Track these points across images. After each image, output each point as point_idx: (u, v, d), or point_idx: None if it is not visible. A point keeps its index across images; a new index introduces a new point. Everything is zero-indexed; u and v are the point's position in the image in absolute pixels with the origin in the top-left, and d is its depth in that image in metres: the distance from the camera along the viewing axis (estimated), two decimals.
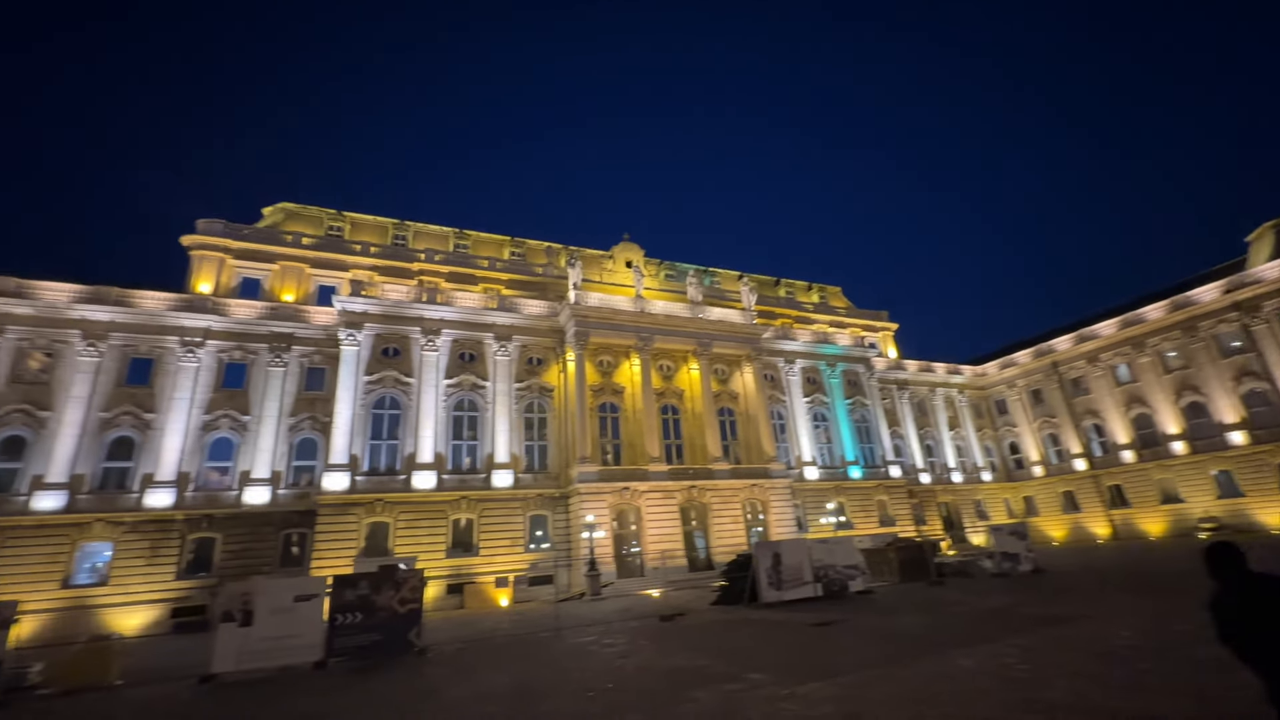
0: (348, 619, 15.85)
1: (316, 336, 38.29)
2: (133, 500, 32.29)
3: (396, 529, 33.65)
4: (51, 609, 28.81)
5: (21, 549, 29.72)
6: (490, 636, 19.33)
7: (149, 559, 31.54)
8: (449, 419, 37.44)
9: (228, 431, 35.32)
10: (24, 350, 32.79)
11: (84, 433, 32.36)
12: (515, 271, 50.15)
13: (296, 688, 13.03)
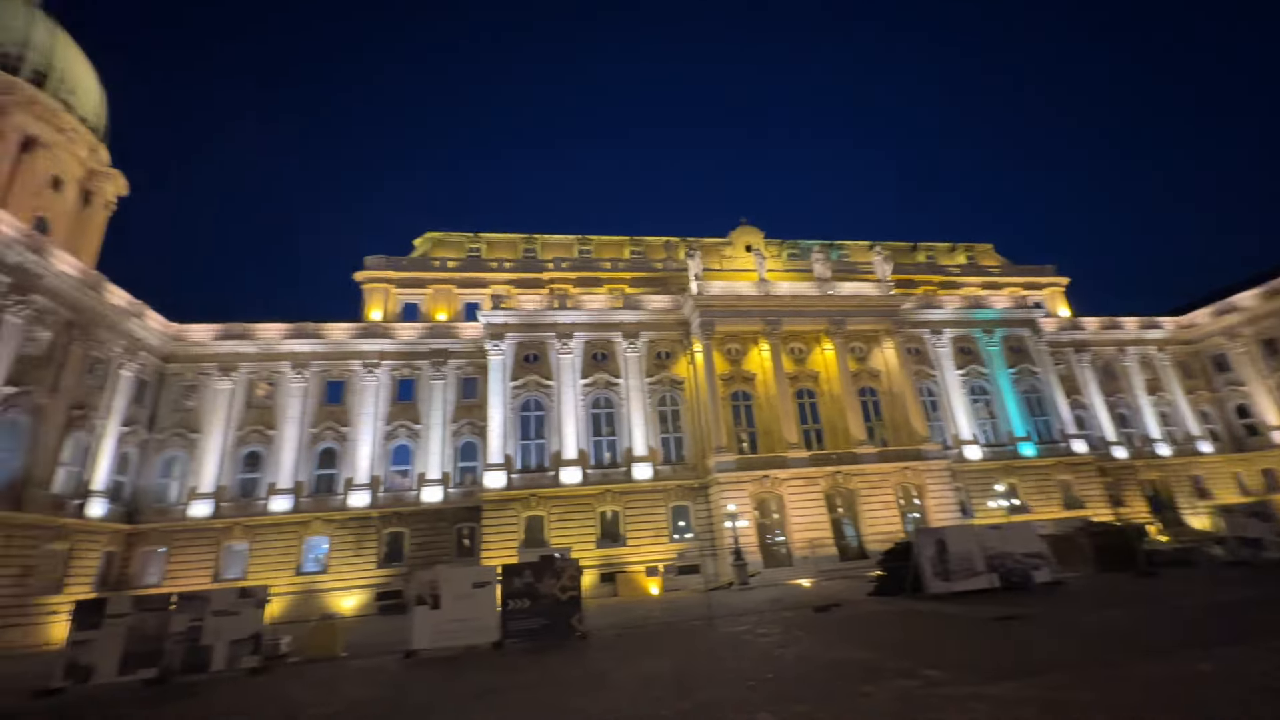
0: (517, 604, 17.27)
1: (467, 349, 42.24)
2: (339, 501, 38.09)
3: (550, 522, 36.07)
4: (289, 592, 34.89)
5: (266, 543, 36.43)
6: (645, 624, 19.98)
7: (356, 551, 37.01)
8: (588, 417, 39.29)
9: (405, 439, 40.28)
10: (253, 381, 40.08)
11: (300, 446, 38.77)
12: (637, 269, 51.25)
13: (481, 665, 14.47)
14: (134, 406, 36.63)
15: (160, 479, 37.49)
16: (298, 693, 12.50)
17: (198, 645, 15.67)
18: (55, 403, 31.10)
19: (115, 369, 35.31)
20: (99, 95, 49.42)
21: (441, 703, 10.62)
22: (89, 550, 32.74)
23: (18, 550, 28.41)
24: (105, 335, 34.55)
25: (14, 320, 28.72)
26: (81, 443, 32.95)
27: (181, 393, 39.31)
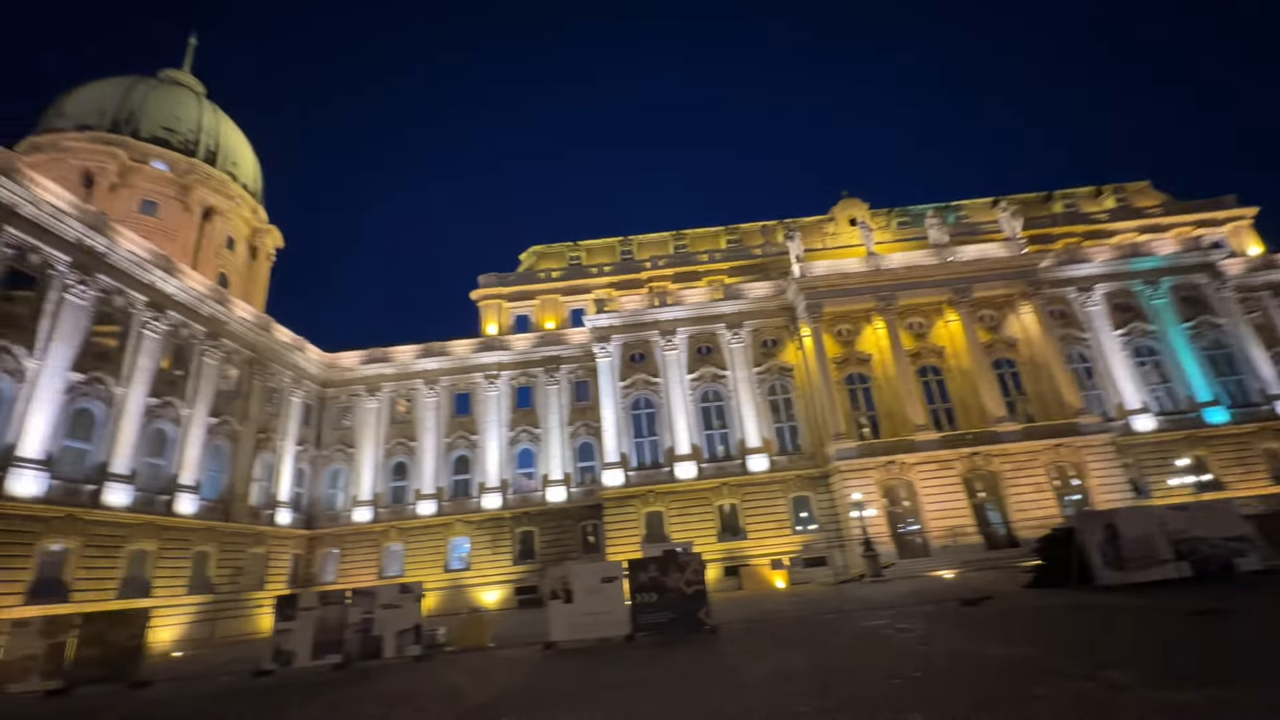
0: (645, 598, 17.66)
1: (576, 354, 43.93)
2: (475, 504, 41.27)
3: (669, 517, 36.52)
4: (439, 588, 38.37)
5: (417, 544, 40.37)
6: (773, 617, 19.59)
7: (493, 549, 39.92)
8: (697, 411, 39.27)
9: (527, 443, 42.76)
10: (394, 399, 44.57)
11: (438, 455, 42.52)
12: (734, 259, 50.39)
13: (616, 657, 14.98)
14: (303, 428, 42.24)
15: (329, 490, 42.93)
16: (456, 679, 13.69)
17: (370, 635, 17.70)
18: (246, 429, 36.66)
19: (287, 397, 40.92)
20: (254, 163, 57.51)
21: (583, 692, 11.13)
22: (281, 553, 38.28)
23: (230, 554, 33.87)
24: (277, 368, 40.15)
25: (210, 361, 34.22)
26: (268, 461, 38.56)
27: (339, 413, 44.70)
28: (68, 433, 25.92)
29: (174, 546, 30.08)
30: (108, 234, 28.27)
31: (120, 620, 19.01)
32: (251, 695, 14.46)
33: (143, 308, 30.08)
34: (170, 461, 31.17)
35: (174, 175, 47.84)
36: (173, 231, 45.85)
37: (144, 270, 30.12)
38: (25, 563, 23.23)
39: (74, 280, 26.48)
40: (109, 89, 50.03)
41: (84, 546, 25.58)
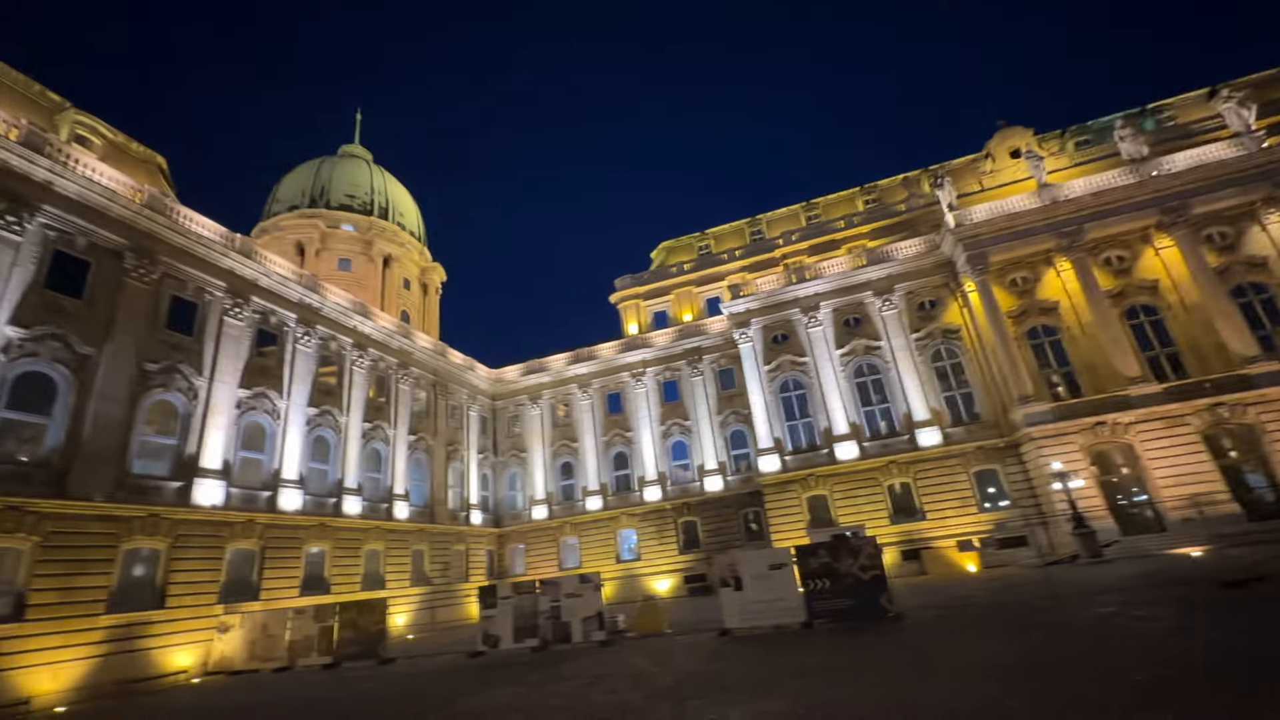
0: (818, 585, 17.08)
1: (717, 343, 43.78)
2: (636, 497, 43.04)
3: (834, 500, 34.88)
4: (614, 577, 40.57)
5: (589, 537, 43.16)
6: (966, 603, 17.81)
7: (658, 539, 41.30)
8: (851, 387, 36.99)
9: (679, 436, 43.59)
10: (554, 404, 48.09)
11: (597, 453, 45.05)
12: (875, 220, 46.62)
13: (793, 644, 14.68)
14: (482, 438, 47.33)
15: (509, 491, 47.63)
16: (641, 663, 14.40)
17: (560, 621, 19.32)
18: (437, 443, 42.03)
19: (466, 411, 46.15)
20: (416, 211, 65.62)
21: (765, 678, 11.07)
22: (478, 549, 43.31)
23: (438, 551, 39.09)
24: (455, 387, 45.44)
25: (404, 387, 39.76)
26: (457, 469, 43.83)
27: (509, 422, 49.38)
28: (311, 457, 31.83)
29: (396, 546, 35.51)
30: (320, 292, 34.19)
31: (367, 608, 22.88)
32: (472, 671, 16.56)
33: (350, 348, 35.93)
34: (385, 475, 36.84)
35: (359, 234, 56.40)
36: (363, 281, 54.08)
37: (348, 317, 35.92)
38: (296, 563, 29.00)
39: (301, 333, 32.45)
40: (304, 172, 60.42)
41: (334, 548, 31.26)
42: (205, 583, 24.46)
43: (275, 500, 28.52)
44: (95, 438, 21.80)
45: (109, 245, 23.91)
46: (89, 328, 22.56)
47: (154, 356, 24.65)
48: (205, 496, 25.15)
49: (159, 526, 23.11)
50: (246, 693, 17.70)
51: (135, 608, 21.88)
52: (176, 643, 22.85)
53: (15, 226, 20.85)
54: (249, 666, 23.02)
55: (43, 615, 19.20)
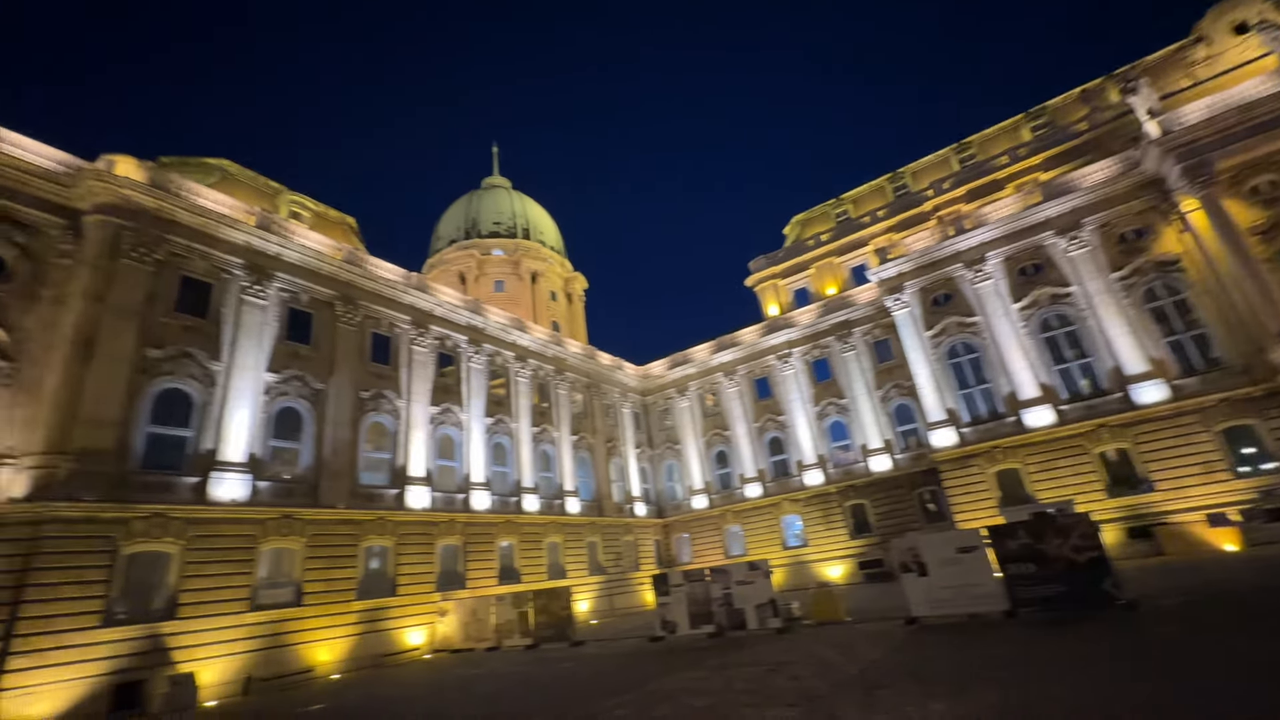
0: (1020, 569, 15.23)
1: (868, 314, 40.84)
2: (797, 482, 41.77)
3: (1029, 473, 30.74)
4: (782, 564, 39.77)
5: (752, 524, 42.80)
6: (1223, 589, 14.65)
7: (825, 525, 39.69)
8: (1037, 345, 32.24)
9: (835, 415, 41.47)
10: (701, 395, 48.48)
11: (751, 440, 44.51)
12: (1047, 147, 40.10)
13: (997, 635, 13.25)
14: (637, 433, 49.25)
15: (668, 482, 48.99)
16: (822, 651, 14.00)
17: (733, 608, 19.46)
18: (597, 441, 44.59)
19: (619, 409, 48.35)
20: (553, 226, 70.14)
21: (961, 669, 10.15)
22: (645, 539, 45.20)
23: (609, 542, 41.50)
24: (607, 387, 47.82)
25: (562, 392, 42.77)
26: (618, 465, 46.10)
27: (660, 416, 50.77)
28: (493, 461, 35.65)
29: (572, 539, 38.41)
30: (483, 313, 38.15)
31: (555, 595, 25.06)
32: (655, 655, 17.37)
33: (513, 361, 39.56)
34: (555, 473, 40.02)
35: (507, 256, 61.82)
36: (516, 299, 59.15)
37: (508, 333, 39.59)
38: (491, 556, 32.72)
39: (471, 352, 36.48)
40: (457, 209, 67.66)
41: (520, 542, 34.72)
42: (424, 574, 28.57)
43: (469, 501, 32.38)
44: (332, 457, 26.56)
45: (323, 297, 28.93)
46: (318, 367, 27.53)
47: (365, 385, 29.33)
48: (416, 501, 29.36)
49: (385, 527, 27.49)
50: (468, 668, 20.37)
51: (376, 595, 26.27)
52: (408, 625, 27.00)
53: (261, 293, 26.12)
54: (465, 646, 26.47)
55: (314, 601, 23.86)
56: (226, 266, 25.33)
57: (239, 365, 24.35)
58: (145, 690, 18.50)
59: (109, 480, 19.52)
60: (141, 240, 22.54)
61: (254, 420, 24.26)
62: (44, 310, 20.42)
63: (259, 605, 22.24)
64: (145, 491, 20.43)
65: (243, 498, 22.79)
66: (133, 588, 19.56)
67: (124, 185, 22.30)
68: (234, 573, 21.83)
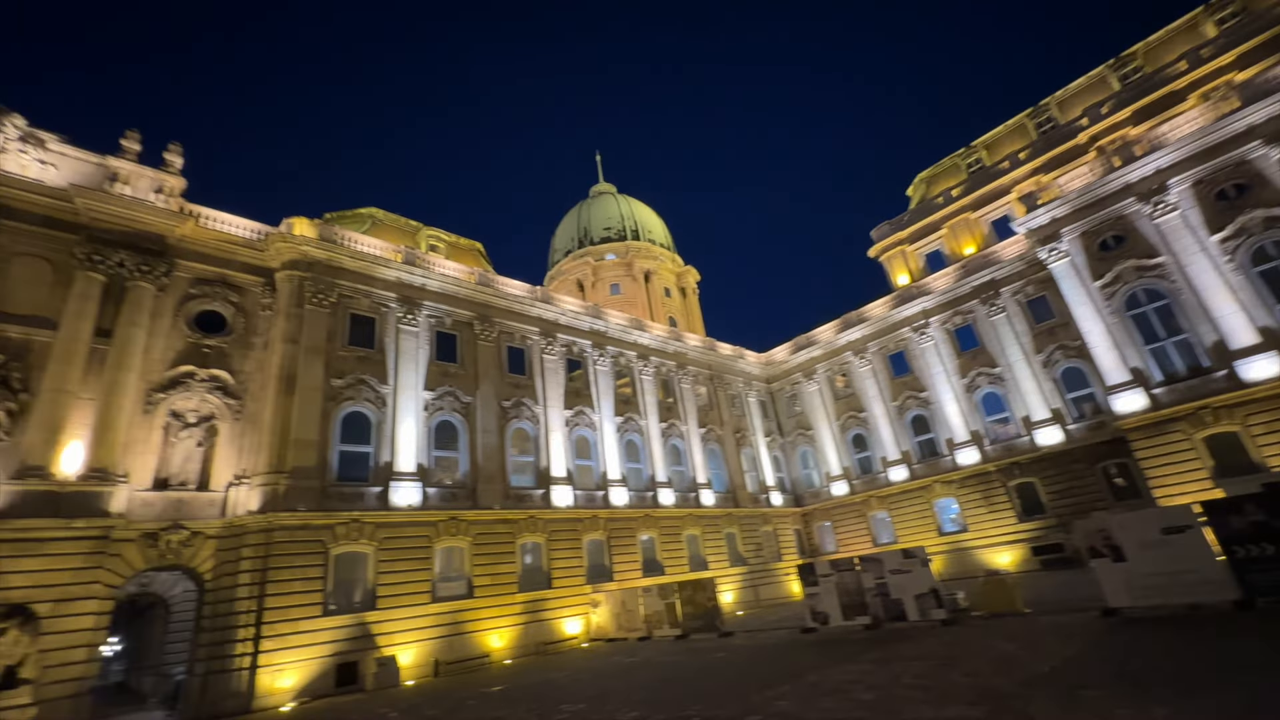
0: (1252, 551, 12.75)
1: (1017, 270, 36.40)
2: (949, 462, 38.34)
3: (1252, 436, 25.47)
4: (939, 551, 36.73)
5: (900, 510, 39.98)
6: None
7: (987, 507, 36.01)
8: (1249, 281, 26.56)
9: (987, 386, 37.47)
10: (830, 377, 46.28)
11: (890, 420, 41.66)
12: (1241, 39, 32.93)
13: (1228, 627, 11.21)
14: (765, 421, 48.22)
15: (803, 470, 47.39)
16: (1001, 645, 12.77)
17: (890, 599, 18.38)
18: (725, 432, 44.34)
19: (744, 398, 47.66)
20: (661, 223, 70.83)
21: (1190, 670, 8.69)
22: (785, 529, 44.16)
23: (747, 533, 41.09)
24: (730, 377, 47.36)
25: (685, 386, 43.09)
26: (749, 455, 45.48)
27: (788, 402, 49.24)
28: (626, 459, 36.88)
29: (709, 531, 38.56)
30: (603, 317, 39.58)
31: (700, 587, 25.36)
32: (808, 647, 16.95)
33: (635, 360, 40.57)
34: (686, 467, 40.41)
35: (620, 259, 63.52)
36: (632, 299, 60.58)
37: (628, 334, 40.68)
38: (633, 549, 33.87)
39: (596, 355, 38.00)
40: (569, 221, 70.79)
41: (659, 535, 35.57)
42: (574, 567, 30.32)
43: (608, 497, 33.79)
44: (485, 462, 29.10)
45: (463, 319, 31.76)
46: (465, 383, 30.29)
47: (506, 396, 31.75)
48: (560, 499, 31.24)
49: (535, 525, 29.57)
50: (624, 656, 21.31)
51: (534, 588, 28.37)
52: (565, 615, 28.82)
53: (413, 321, 29.30)
54: (619, 635, 27.69)
55: (483, 594, 26.33)
56: (384, 301, 28.76)
57: (402, 386, 27.54)
58: (360, 669, 21.62)
59: (316, 493, 23.07)
60: (319, 287, 26.33)
61: (418, 434, 27.30)
62: (257, 354, 24.65)
63: (438, 597, 25.00)
64: (342, 501, 23.86)
65: (416, 503, 25.76)
66: (341, 583, 22.93)
67: (301, 243, 26.20)
68: (416, 569, 24.74)
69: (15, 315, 19.83)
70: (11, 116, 21.26)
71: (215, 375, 23.23)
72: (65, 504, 18.42)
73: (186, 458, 22.00)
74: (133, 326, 21.57)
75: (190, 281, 24.00)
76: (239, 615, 20.25)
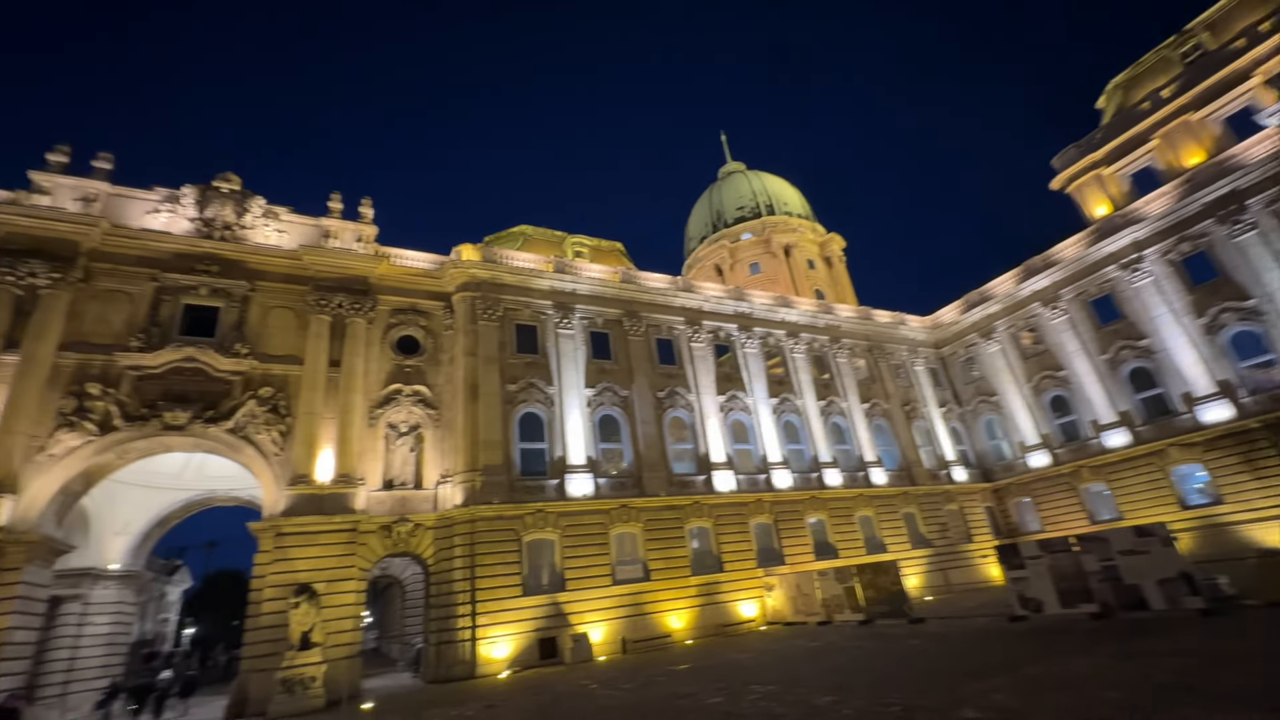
0: None
1: (1268, 173, 28.81)
2: (1185, 421, 31.63)
3: None
4: (1183, 528, 30.46)
5: (1122, 480, 33.88)
6: None
7: (1249, 473, 29.08)
8: None
9: (1236, 324, 30.31)
10: (1013, 334, 40.70)
11: (1099, 376, 35.42)
12: None
13: None
14: (938, 390, 43.86)
15: (989, 441, 42.30)
16: None
17: (1123, 584, 15.75)
18: (892, 405, 41.15)
19: (910, 367, 43.78)
20: (796, 193, 67.58)
21: None
22: (973, 506, 39.86)
23: (929, 513, 37.80)
24: (891, 346, 43.80)
25: (841, 360, 40.74)
26: (921, 428, 41.74)
27: (962, 367, 44.24)
28: (786, 440, 35.90)
29: (884, 511, 36.11)
30: (746, 299, 38.87)
31: (881, 570, 23.96)
32: (1018, 636, 15.17)
33: (785, 338, 39.24)
34: (852, 445, 38.20)
35: (756, 238, 61.81)
36: (773, 276, 58.64)
37: (773, 312, 39.49)
38: (802, 532, 32.93)
39: (743, 339, 37.45)
40: (701, 206, 70.46)
41: (829, 517, 34.13)
42: (743, 551, 30.36)
43: (770, 480, 33.26)
44: (647, 451, 30.27)
45: (612, 316, 33.25)
46: (621, 377, 31.73)
47: (660, 386, 32.66)
48: (722, 484, 31.44)
49: (701, 510, 30.09)
50: (805, 640, 20.90)
51: (707, 571, 28.94)
52: (739, 598, 28.99)
53: (568, 325, 31.38)
54: (796, 619, 27.20)
55: (659, 577, 27.47)
56: (541, 309, 31.17)
57: (566, 386, 29.66)
58: (558, 644, 23.85)
59: (505, 487, 25.84)
60: (487, 304, 29.33)
61: (584, 428, 29.21)
62: (445, 369, 28.22)
63: (618, 580, 26.61)
64: (527, 493, 26.43)
65: (590, 493, 27.64)
66: (534, 567, 25.44)
67: (469, 266, 29.39)
68: (596, 554, 26.58)
69: (276, 356, 24.90)
70: (255, 198, 26.66)
71: (417, 390, 27.05)
72: (325, 504, 22.79)
73: (403, 461, 25.95)
74: (354, 356, 25.92)
75: (389, 312, 28.16)
76: (457, 594, 23.44)
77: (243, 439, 23.04)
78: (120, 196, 24.64)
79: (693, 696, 12.80)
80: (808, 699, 10.95)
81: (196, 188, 25.81)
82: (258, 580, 21.40)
